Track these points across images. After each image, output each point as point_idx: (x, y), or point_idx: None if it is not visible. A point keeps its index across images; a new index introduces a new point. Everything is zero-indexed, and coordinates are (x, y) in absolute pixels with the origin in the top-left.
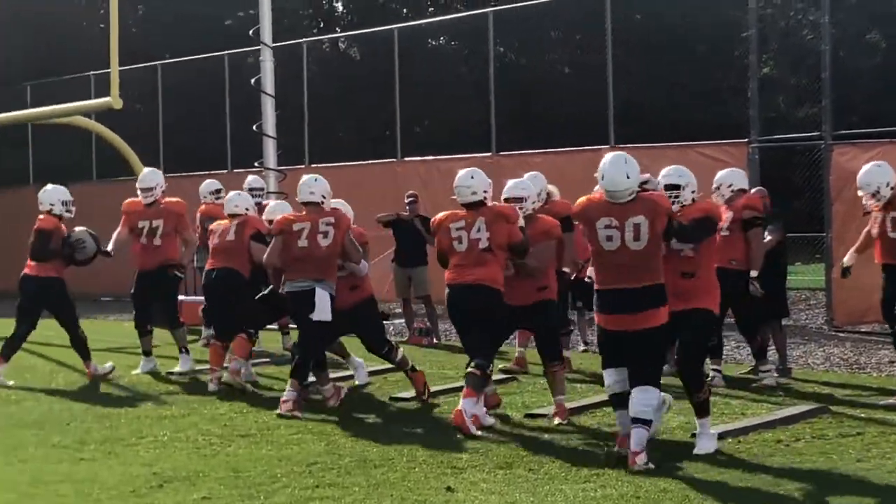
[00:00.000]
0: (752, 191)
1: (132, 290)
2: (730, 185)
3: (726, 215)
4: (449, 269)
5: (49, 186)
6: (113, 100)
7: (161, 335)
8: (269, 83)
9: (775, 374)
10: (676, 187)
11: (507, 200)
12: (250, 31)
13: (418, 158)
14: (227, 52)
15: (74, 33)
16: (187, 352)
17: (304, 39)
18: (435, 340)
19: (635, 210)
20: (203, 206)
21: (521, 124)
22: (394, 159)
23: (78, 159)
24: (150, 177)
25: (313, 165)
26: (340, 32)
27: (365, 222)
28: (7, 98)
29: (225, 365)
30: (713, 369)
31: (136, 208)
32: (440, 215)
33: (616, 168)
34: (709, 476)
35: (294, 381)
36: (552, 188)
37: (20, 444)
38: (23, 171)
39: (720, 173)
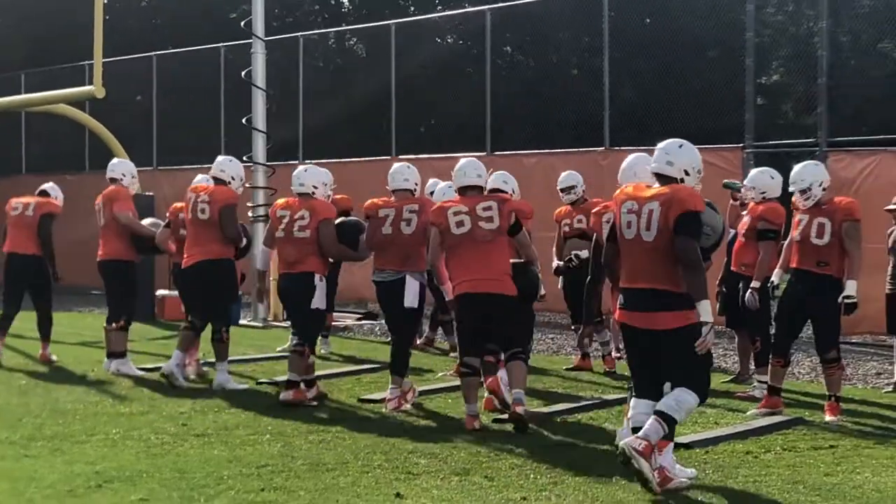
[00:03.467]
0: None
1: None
2: (820, 184)
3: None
4: None
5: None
6: (96, 89)
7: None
8: (260, 76)
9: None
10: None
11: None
12: (242, 23)
13: (412, 157)
14: (222, 44)
15: (74, 22)
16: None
17: (300, 33)
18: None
19: None
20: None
21: (521, 124)
22: (388, 157)
23: (72, 150)
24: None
25: (307, 161)
26: (344, 27)
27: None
28: (1, 86)
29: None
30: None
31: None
32: None
33: None
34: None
35: (395, 377)
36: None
37: None
38: (16, 160)
39: (800, 170)
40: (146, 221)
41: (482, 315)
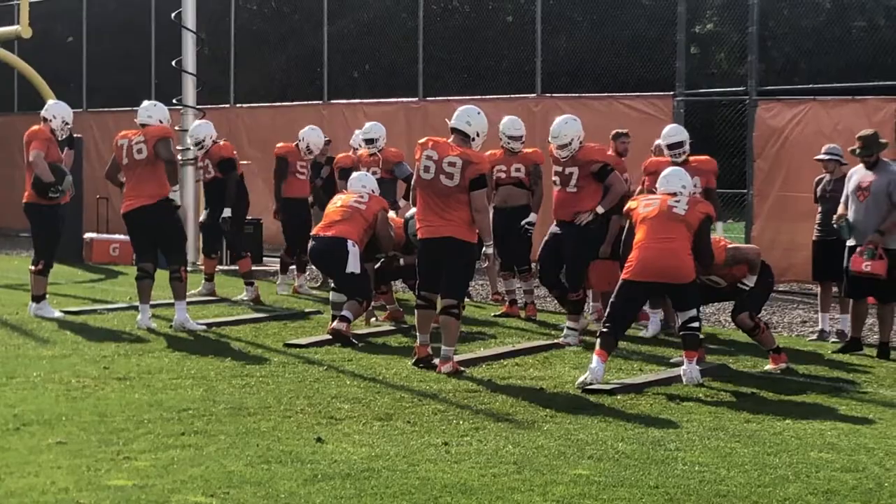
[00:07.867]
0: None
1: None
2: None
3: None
4: None
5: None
6: (22, 28)
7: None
8: (190, 18)
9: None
10: None
11: None
12: None
13: (344, 101)
14: None
15: None
16: None
17: None
18: None
19: None
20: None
21: (454, 70)
22: (320, 101)
23: (0, 91)
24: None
25: (238, 105)
26: None
27: None
28: None
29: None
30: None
31: None
32: None
33: None
34: (589, 434)
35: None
36: None
37: None
38: None
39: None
40: None
41: (436, 258)
